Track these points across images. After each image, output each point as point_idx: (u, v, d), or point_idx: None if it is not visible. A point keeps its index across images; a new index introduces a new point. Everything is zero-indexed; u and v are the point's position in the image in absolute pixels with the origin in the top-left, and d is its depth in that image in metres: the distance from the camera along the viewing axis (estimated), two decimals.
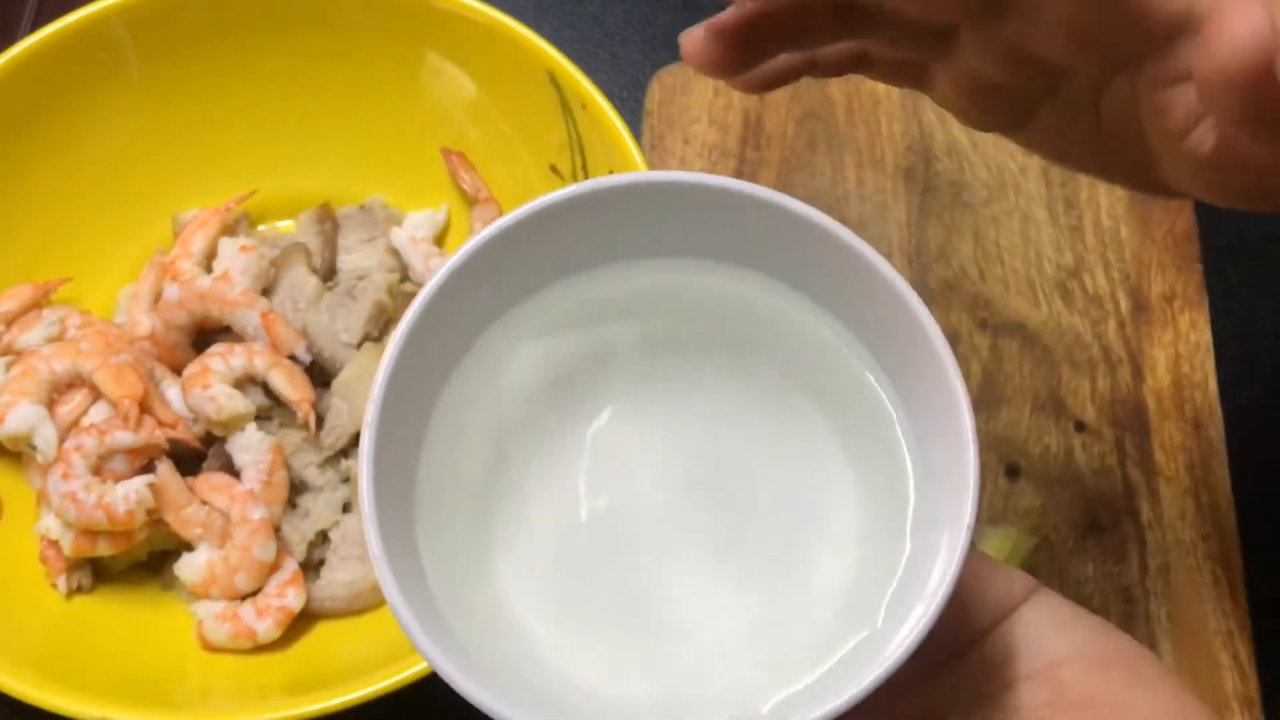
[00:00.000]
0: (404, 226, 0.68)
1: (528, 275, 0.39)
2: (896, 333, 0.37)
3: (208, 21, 0.66)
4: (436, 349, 0.38)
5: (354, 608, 0.59)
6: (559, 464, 0.39)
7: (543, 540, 0.39)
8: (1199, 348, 0.65)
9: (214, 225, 0.66)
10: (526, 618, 0.38)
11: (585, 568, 0.39)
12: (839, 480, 0.39)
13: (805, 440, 0.40)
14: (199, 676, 0.58)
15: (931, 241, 0.68)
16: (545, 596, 0.38)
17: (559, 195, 0.37)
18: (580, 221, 0.38)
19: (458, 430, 0.39)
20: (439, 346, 0.38)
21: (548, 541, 0.39)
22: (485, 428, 0.39)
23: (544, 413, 0.40)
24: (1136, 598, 0.60)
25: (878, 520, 0.38)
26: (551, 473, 0.39)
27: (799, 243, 0.37)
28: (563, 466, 0.39)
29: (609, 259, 0.40)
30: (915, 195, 0.69)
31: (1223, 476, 0.62)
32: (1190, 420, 0.63)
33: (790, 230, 0.37)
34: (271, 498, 0.60)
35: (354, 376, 0.62)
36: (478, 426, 0.39)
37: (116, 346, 0.62)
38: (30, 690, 0.53)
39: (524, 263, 0.38)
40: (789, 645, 0.38)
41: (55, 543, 0.59)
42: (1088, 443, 0.63)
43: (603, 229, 0.38)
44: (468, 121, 0.68)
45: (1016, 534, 0.60)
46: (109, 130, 0.67)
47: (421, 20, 0.66)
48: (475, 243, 0.37)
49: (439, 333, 0.37)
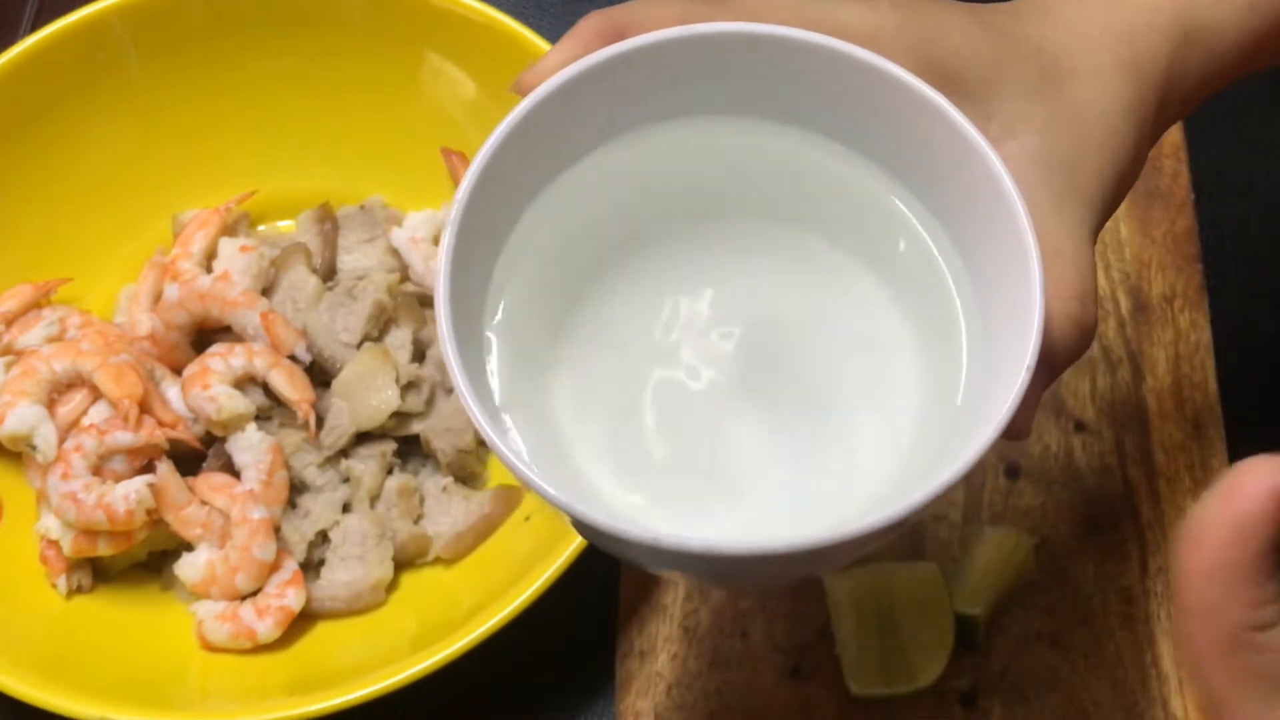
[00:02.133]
0: (404, 226, 0.68)
1: (605, 119, 0.40)
2: (961, 182, 0.38)
3: (208, 21, 0.66)
4: (511, 185, 0.38)
5: (354, 608, 0.59)
6: (621, 310, 0.40)
7: (606, 385, 0.40)
8: (1199, 348, 0.65)
9: (214, 225, 0.66)
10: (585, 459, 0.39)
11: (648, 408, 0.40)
12: (896, 331, 0.40)
13: (858, 295, 0.41)
14: (199, 676, 0.58)
15: None
16: (604, 436, 0.39)
17: (633, 43, 0.38)
18: (653, 72, 0.38)
19: (529, 265, 0.40)
20: (513, 182, 0.38)
21: (610, 385, 0.40)
22: (553, 266, 0.40)
23: (611, 263, 0.41)
24: (1136, 597, 0.60)
25: (938, 362, 0.40)
26: (614, 319, 0.40)
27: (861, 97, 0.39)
28: (624, 312, 0.40)
29: (681, 113, 0.40)
30: None
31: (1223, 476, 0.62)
32: (1190, 420, 0.63)
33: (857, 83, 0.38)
34: (271, 498, 0.60)
35: (354, 376, 0.62)
36: (547, 262, 0.40)
37: (116, 346, 0.62)
38: (30, 690, 0.54)
39: (603, 108, 0.39)
40: (858, 473, 0.39)
41: (55, 543, 0.59)
42: (1088, 443, 0.63)
43: (676, 82, 0.39)
44: (468, 121, 0.68)
45: (1016, 534, 0.60)
46: (109, 130, 0.67)
47: (422, 20, 0.66)
48: (563, 76, 0.38)
49: (517, 165, 0.38)
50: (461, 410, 0.51)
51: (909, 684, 0.56)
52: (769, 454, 0.39)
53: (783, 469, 0.39)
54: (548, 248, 0.40)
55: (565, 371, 0.40)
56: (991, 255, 0.38)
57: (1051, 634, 0.59)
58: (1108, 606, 0.60)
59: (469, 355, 0.36)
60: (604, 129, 0.40)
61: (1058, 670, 0.58)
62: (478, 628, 0.54)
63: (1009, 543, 0.59)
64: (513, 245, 0.40)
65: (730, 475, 0.39)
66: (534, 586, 0.54)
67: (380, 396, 0.61)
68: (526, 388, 0.39)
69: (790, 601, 0.60)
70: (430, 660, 0.53)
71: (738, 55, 0.38)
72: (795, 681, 0.58)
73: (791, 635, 0.59)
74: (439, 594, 0.60)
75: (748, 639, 0.59)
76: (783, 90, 0.40)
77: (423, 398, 0.63)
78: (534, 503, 0.61)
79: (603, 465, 0.39)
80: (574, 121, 0.39)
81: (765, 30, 0.38)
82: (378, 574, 0.59)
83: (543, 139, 0.38)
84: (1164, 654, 0.58)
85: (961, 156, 0.38)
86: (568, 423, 0.39)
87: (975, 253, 0.39)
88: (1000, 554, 0.59)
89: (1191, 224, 0.68)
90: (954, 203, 0.39)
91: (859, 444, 0.39)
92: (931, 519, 0.61)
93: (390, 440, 0.63)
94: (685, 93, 0.39)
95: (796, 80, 0.39)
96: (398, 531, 0.61)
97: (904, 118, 0.38)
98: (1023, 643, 0.59)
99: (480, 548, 0.60)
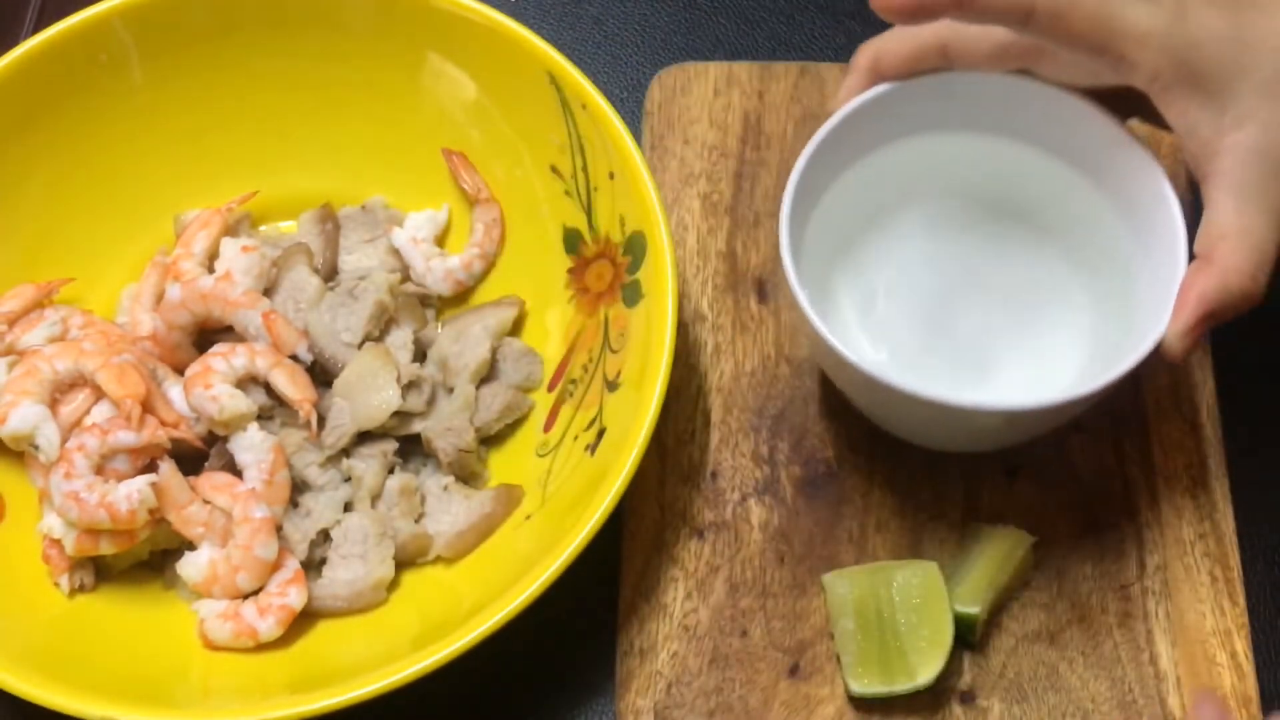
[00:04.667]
0: (405, 227, 0.68)
1: (890, 127, 0.60)
2: (1137, 189, 0.57)
3: (210, 23, 0.66)
4: (824, 165, 0.59)
5: (355, 606, 0.60)
6: (887, 252, 0.63)
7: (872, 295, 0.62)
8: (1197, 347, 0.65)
9: (216, 225, 0.66)
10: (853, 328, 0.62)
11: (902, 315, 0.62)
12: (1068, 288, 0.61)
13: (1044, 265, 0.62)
14: (201, 675, 0.58)
15: None
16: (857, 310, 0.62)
17: (896, 85, 0.58)
18: (911, 102, 0.59)
19: (830, 215, 0.60)
20: (825, 165, 0.59)
21: (874, 296, 0.62)
22: (844, 219, 0.61)
23: (882, 217, 0.63)
24: (1134, 596, 0.60)
25: (1105, 308, 0.60)
26: (881, 257, 0.63)
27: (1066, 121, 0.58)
28: (888, 254, 0.63)
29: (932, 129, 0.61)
30: None
31: (1221, 475, 0.62)
32: (1188, 419, 0.63)
33: (1059, 111, 0.58)
34: (273, 497, 0.60)
35: (355, 376, 0.62)
36: (842, 218, 0.61)
37: (119, 346, 0.62)
38: (33, 689, 0.54)
39: (887, 120, 0.60)
40: (1049, 377, 0.59)
41: (58, 542, 0.59)
42: (1086, 442, 0.63)
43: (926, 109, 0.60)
44: (468, 122, 0.68)
45: (1015, 533, 0.60)
46: (111, 131, 0.67)
47: (423, 22, 0.66)
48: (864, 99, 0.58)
49: (828, 153, 0.58)
50: (462, 410, 0.63)
51: (908, 683, 0.56)
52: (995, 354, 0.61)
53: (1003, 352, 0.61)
54: (840, 203, 0.60)
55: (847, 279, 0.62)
56: (1156, 245, 0.56)
57: (1050, 632, 0.59)
58: (1106, 605, 0.60)
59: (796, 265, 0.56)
60: (879, 137, 0.60)
61: (1056, 668, 0.58)
62: (478, 627, 0.54)
63: (1008, 542, 0.60)
64: (822, 205, 0.60)
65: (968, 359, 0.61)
66: (534, 586, 0.54)
67: (381, 396, 0.61)
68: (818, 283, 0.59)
69: (790, 601, 0.60)
70: (431, 659, 0.53)
71: (966, 88, 0.58)
72: (795, 680, 0.58)
73: (791, 634, 0.59)
74: (440, 593, 0.60)
75: (747, 638, 0.59)
76: (1000, 112, 0.59)
77: (424, 397, 0.63)
78: (534, 502, 0.61)
79: (861, 331, 0.62)
80: (861, 132, 0.59)
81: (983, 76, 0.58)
82: (379, 573, 0.60)
83: (851, 134, 0.59)
84: (1162, 653, 0.58)
85: (1136, 166, 0.56)
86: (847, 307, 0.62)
87: (1145, 238, 0.57)
88: (999, 553, 0.59)
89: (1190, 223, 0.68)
90: (1131, 201, 0.58)
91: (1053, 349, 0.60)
92: (930, 519, 0.61)
93: (391, 440, 0.63)
94: (932, 113, 0.60)
95: (1014, 106, 0.59)
96: (399, 531, 0.61)
97: (1096, 137, 0.57)
98: (1022, 641, 0.59)
99: (481, 547, 0.61)
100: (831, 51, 0.76)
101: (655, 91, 0.72)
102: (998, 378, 0.60)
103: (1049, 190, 0.61)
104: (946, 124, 0.60)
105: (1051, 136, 0.60)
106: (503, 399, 0.63)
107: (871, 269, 0.62)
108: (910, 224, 0.63)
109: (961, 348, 0.61)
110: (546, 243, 0.66)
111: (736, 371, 0.65)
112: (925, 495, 0.62)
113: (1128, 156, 0.57)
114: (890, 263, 0.62)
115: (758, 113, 0.71)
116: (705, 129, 0.71)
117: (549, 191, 0.66)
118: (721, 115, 0.71)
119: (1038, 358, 0.61)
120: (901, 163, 0.61)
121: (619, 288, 0.63)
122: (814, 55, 0.76)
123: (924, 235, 0.63)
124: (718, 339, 0.66)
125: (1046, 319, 0.61)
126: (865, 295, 0.62)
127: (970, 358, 0.61)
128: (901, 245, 0.63)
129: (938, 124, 0.60)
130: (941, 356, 0.61)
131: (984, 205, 0.63)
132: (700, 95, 0.72)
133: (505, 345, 0.65)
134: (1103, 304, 0.60)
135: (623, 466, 0.56)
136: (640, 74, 0.75)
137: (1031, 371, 0.60)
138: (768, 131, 0.71)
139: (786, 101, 0.71)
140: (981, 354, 0.61)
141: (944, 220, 0.63)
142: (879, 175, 0.61)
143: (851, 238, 0.62)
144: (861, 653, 0.57)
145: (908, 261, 0.63)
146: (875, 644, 0.57)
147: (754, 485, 0.63)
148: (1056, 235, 0.62)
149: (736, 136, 0.71)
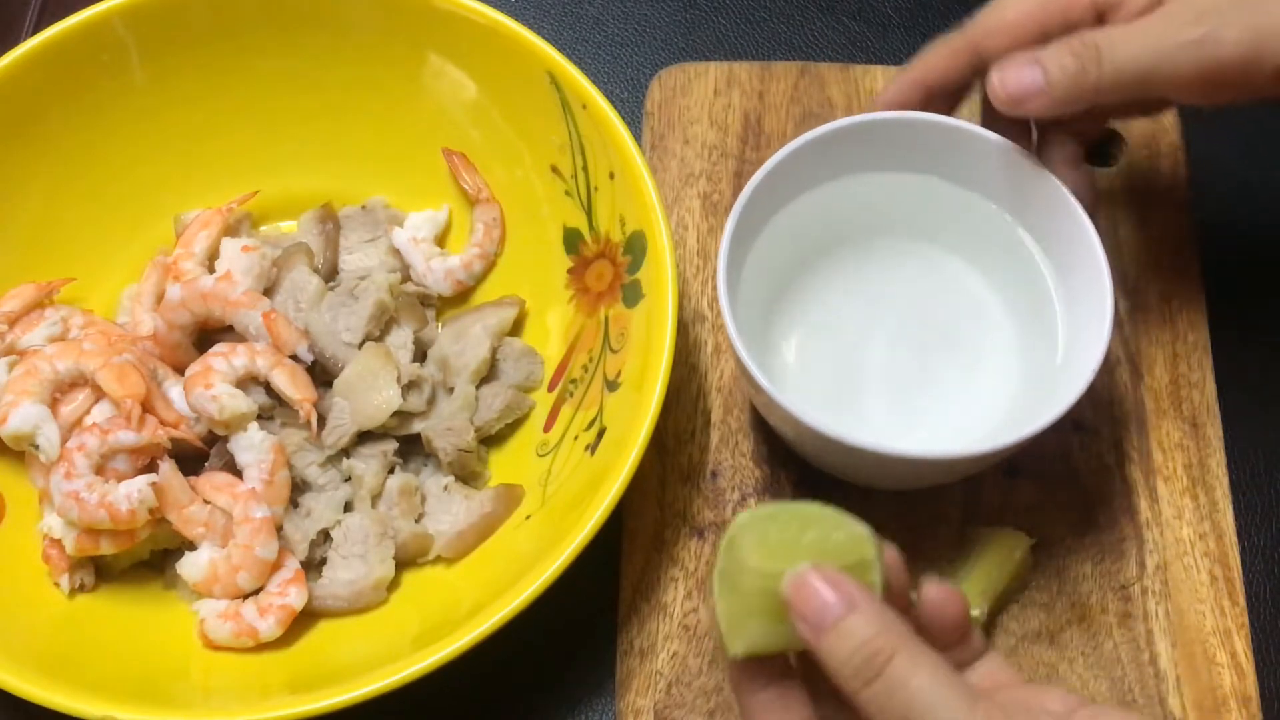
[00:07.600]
0: (405, 227, 0.68)
1: (819, 170, 0.61)
2: (1051, 215, 0.59)
3: (210, 23, 0.66)
4: (760, 207, 0.60)
5: (355, 606, 0.60)
6: (820, 292, 0.63)
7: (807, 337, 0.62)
8: (1196, 347, 0.65)
9: (216, 225, 0.67)
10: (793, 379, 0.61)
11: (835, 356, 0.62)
12: (997, 319, 0.62)
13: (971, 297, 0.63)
14: (201, 674, 0.58)
15: None
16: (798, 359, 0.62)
17: (832, 126, 0.60)
18: (843, 144, 0.61)
19: (765, 258, 0.61)
20: (761, 206, 0.60)
21: (809, 337, 0.62)
22: (778, 263, 0.62)
23: (814, 258, 0.63)
24: (1134, 596, 0.60)
25: (1034, 336, 0.61)
26: (814, 298, 0.63)
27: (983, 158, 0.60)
28: (821, 295, 0.63)
29: (859, 170, 0.62)
30: None
31: (1220, 475, 0.62)
32: (1188, 419, 0.63)
33: (980, 150, 0.60)
34: (273, 497, 0.60)
35: (355, 376, 0.62)
36: (776, 261, 0.61)
37: (119, 346, 0.62)
38: (33, 688, 0.54)
39: (817, 163, 0.61)
40: (981, 411, 0.60)
41: (58, 541, 0.59)
42: (1086, 442, 0.63)
43: (854, 151, 0.61)
44: (469, 122, 0.68)
45: (1015, 533, 0.60)
46: (111, 131, 0.67)
47: (423, 22, 0.66)
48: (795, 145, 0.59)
49: (765, 195, 0.59)
50: (462, 410, 0.63)
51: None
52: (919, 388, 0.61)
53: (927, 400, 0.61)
54: (773, 247, 0.61)
55: (783, 322, 0.62)
56: (1075, 266, 0.58)
57: (1050, 632, 0.59)
58: (1106, 605, 0.60)
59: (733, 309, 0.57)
60: (808, 180, 0.61)
61: (1056, 669, 0.58)
62: (478, 627, 0.54)
63: (1008, 542, 0.60)
64: (756, 249, 0.61)
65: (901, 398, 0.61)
66: (534, 586, 0.54)
67: (382, 396, 0.62)
68: (757, 326, 0.61)
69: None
70: (431, 659, 0.53)
71: (891, 136, 0.60)
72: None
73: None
74: (440, 593, 0.60)
75: None
76: (925, 153, 0.61)
77: (424, 397, 0.63)
78: (534, 502, 0.61)
79: (801, 372, 0.61)
80: (790, 177, 0.60)
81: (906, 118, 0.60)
82: (379, 573, 0.60)
83: (782, 179, 0.60)
84: (1161, 652, 0.58)
85: (1051, 194, 0.58)
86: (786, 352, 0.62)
87: (1062, 262, 0.59)
88: (999, 553, 0.59)
89: (1190, 224, 0.68)
90: (1047, 226, 0.60)
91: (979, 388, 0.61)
92: (930, 519, 0.61)
93: (391, 439, 0.63)
94: (859, 156, 0.61)
95: (937, 146, 0.61)
96: (399, 530, 0.61)
97: (1017, 174, 0.60)
98: (1022, 641, 0.59)
99: (481, 547, 0.61)
100: (831, 51, 0.76)
101: (655, 91, 0.72)
102: (934, 412, 0.60)
103: (973, 225, 0.62)
104: (874, 165, 0.62)
105: (974, 175, 0.61)
106: (503, 399, 0.63)
107: (806, 310, 0.63)
108: (842, 263, 0.63)
109: (896, 385, 0.61)
110: (547, 243, 0.66)
111: (736, 371, 0.65)
112: (925, 495, 0.62)
113: (1047, 192, 0.58)
114: (823, 303, 0.63)
115: (758, 113, 0.71)
116: (705, 129, 0.71)
117: (549, 191, 0.66)
118: (721, 115, 0.71)
119: (973, 389, 0.61)
120: (830, 204, 0.62)
121: (619, 288, 0.63)
122: (814, 55, 0.76)
123: (855, 274, 0.63)
124: (718, 339, 0.66)
125: (978, 348, 0.62)
126: (802, 337, 0.62)
127: (906, 395, 0.61)
128: (834, 285, 0.63)
129: (864, 165, 0.62)
130: (876, 395, 0.61)
131: (912, 242, 0.63)
132: (700, 95, 0.72)
133: (505, 345, 0.65)
134: (1030, 328, 0.61)
135: (623, 466, 0.56)
136: (640, 74, 0.75)
137: (968, 401, 0.60)
138: (768, 131, 0.71)
139: (786, 101, 0.72)
140: (917, 390, 0.61)
141: (875, 258, 0.63)
142: (810, 217, 0.62)
143: (787, 280, 0.63)
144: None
145: (840, 302, 0.63)
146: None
147: (754, 485, 0.63)
148: (983, 267, 0.63)
149: (736, 136, 0.71)
